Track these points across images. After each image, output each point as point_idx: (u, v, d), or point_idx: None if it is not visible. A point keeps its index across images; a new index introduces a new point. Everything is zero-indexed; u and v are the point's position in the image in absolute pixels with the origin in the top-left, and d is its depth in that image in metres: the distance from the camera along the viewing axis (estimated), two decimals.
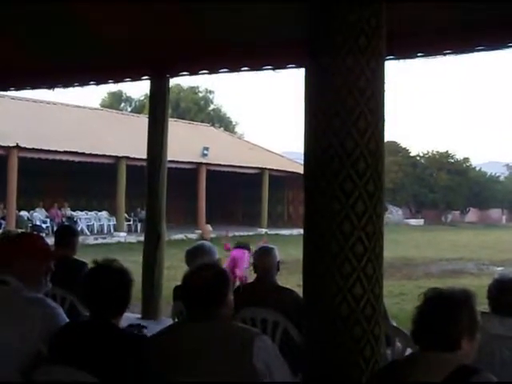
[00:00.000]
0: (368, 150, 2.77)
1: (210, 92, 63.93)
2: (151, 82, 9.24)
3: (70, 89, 9.73)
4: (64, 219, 26.94)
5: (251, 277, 10.05)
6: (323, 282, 2.79)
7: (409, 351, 3.81)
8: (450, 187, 57.74)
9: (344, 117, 2.76)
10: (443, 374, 2.42)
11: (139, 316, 9.03)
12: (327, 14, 2.89)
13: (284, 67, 7.85)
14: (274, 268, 4.95)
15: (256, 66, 8.12)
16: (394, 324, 4.54)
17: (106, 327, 3.03)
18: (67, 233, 6.11)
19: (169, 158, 9.46)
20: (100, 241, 26.30)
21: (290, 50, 6.85)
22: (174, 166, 21.27)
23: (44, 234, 23.91)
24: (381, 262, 2.83)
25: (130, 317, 8.64)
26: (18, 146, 23.92)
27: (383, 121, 2.88)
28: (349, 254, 2.73)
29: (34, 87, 10.04)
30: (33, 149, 24.29)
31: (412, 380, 2.46)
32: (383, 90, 2.90)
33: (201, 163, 31.64)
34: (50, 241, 5.85)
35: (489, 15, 5.97)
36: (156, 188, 9.23)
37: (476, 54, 6.96)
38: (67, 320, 3.28)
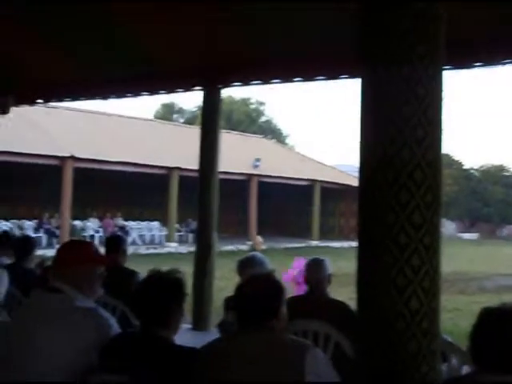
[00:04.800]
0: (425, 160, 2.70)
1: (262, 104, 64.21)
2: (204, 93, 9.29)
3: (124, 99, 9.89)
4: (116, 229, 27.23)
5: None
6: (378, 295, 2.71)
7: (465, 368, 3.70)
8: (505, 201, 56.66)
9: (401, 126, 2.70)
10: None
11: (190, 326, 9.05)
12: (382, 21, 2.83)
13: (337, 77, 7.80)
14: (325, 280, 4.88)
15: (309, 77, 8.08)
16: (449, 339, 4.42)
17: (155, 339, 2.99)
18: (117, 241, 6.19)
19: (220, 170, 9.48)
20: (151, 251, 26.49)
21: (344, 60, 6.79)
22: (225, 177, 21.36)
23: (97, 244, 24.26)
24: (438, 276, 2.74)
25: (182, 327, 8.69)
26: (72, 157, 24.30)
27: (441, 131, 2.80)
28: (404, 267, 2.65)
29: (87, 98, 10.20)
30: (87, 159, 24.65)
31: None
32: (441, 99, 2.82)
33: (252, 174, 31.68)
34: (102, 250, 5.94)
35: None
36: (207, 199, 9.25)
37: None
38: (119, 331, 3.27)
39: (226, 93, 58.09)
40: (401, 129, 2.69)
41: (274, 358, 2.77)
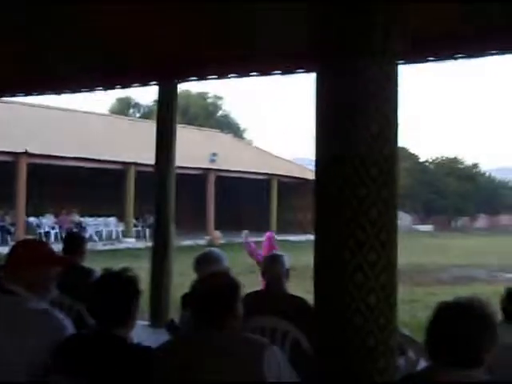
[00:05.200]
0: (381, 155, 2.69)
1: (219, 98, 64.06)
2: (159, 88, 9.21)
3: (78, 95, 9.75)
4: (72, 225, 26.91)
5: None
6: (335, 291, 2.70)
7: (422, 361, 3.72)
8: (459, 193, 57.59)
9: (356, 121, 2.68)
10: None
11: (147, 323, 8.98)
12: (338, 16, 2.81)
13: (294, 72, 7.79)
14: (283, 275, 4.85)
15: (265, 71, 8.06)
16: (407, 333, 4.44)
17: (110, 339, 2.95)
18: (75, 239, 6.08)
19: (177, 164, 9.42)
20: (108, 247, 26.26)
21: (300, 55, 6.78)
22: (182, 171, 21.23)
23: (53, 240, 23.96)
24: (395, 271, 2.74)
25: (139, 324, 8.61)
26: (26, 152, 23.91)
27: (396, 125, 2.80)
28: (362, 263, 2.65)
29: (40, 93, 10.03)
30: (42, 155, 24.29)
31: None
32: (396, 94, 2.82)
33: (209, 169, 31.60)
34: (59, 247, 5.83)
35: (502, 18, 5.90)
36: (164, 194, 9.18)
37: (487, 58, 6.90)
38: (74, 332, 3.22)
39: (182, 87, 57.92)
40: (356, 124, 2.68)
41: (232, 357, 2.75)
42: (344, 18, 2.80)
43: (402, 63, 6.79)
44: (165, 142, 9.23)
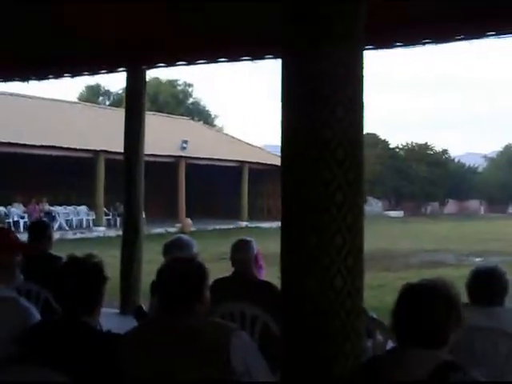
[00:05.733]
0: (347, 139, 2.69)
1: (189, 85, 63.70)
2: (127, 74, 9.14)
3: (45, 81, 9.63)
4: (42, 214, 26.68)
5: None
6: (302, 274, 2.71)
7: (390, 344, 3.75)
8: (429, 179, 58.11)
9: (321, 105, 2.68)
10: (426, 371, 2.35)
11: (117, 311, 8.95)
12: (302, 2, 2.80)
13: (262, 58, 7.77)
14: (251, 261, 4.87)
15: (233, 57, 8.04)
16: (374, 316, 4.48)
17: (77, 325, 2.93)
18: (40, 227, 6.04)
19: (147, 152, 9.38)
20: (79, 236, 26.12)
21: (267, 41, 6.76)
22: (152, 159, 21.13)
23: (22, 230, 23.72)
24: (361, 254, 2.75)
25: (109, 312, 8.58)
26: None
27: (362, 109, 2.80)
28: (328, 246, 2.65)
29: (6, 80, 9.89)
30: (9, 143, 24.00)
31: (396, 378, 2.39)
32: (362, 78, 2.82)
33: (180, 156, 31.53)
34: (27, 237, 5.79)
35: (464, 5, 5.94)
36: (133, 182, 9.14)
37: (455, 43, 6.96)
38: (40, 319, 3.19)
39: (152, 74, 57.50)
40: (321, 108, 2.68)
41: (198, 343, 2.75)
42: (308, 3, 2.79)
43: (370, 48, 6.83)
44: (133, 130, 9.17)
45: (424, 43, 6.95)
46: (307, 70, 2.73)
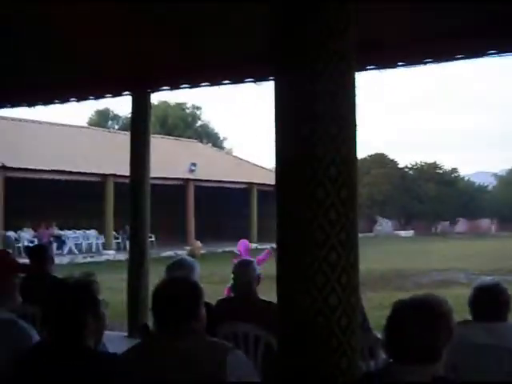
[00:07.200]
0: (340, 157, 2.71)
1: (198, 108, 64.07)
2: (132, 98, 9.20)
3: (51, 106, 9.71)
4: (52, 239, 26.73)
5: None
6: (298, 293, 2.71)
7: None
8: (438, 198, 57.94)
9: (313, 123, 2.70)
10: None
11: (125, 334, 8.94)
12: (294, 20, 2.83)
13: (265, 79, 7.80)
14: (253, 281, 4.87)
15: (237, 79, 8.08)
16: (379, 335, 4.46)
17: (71, 347, 2.89)
18: (39, 249, 6.16)
19: (156, 175, 9.41)
20: (89, 259, 26.14)
21: (268, 62, 6.80)
22: (161, 182, 21.21)
23: None
24: (356, 271, 2.75)
25: (118, 335, 8.57)
26: (3, 166, 23.76)
27: (355, 127, 2.82)
28: (322, 264, 2.66)
29: (14, 105, 9.97)
30: (19, 168, 24.14)
31: None
32: (354, 96, 2.84)
33: (188, 179, 31.57)
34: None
35: (464, 23, 5.96)
36: (139, 205, 9.17)
37: (458, 61, 6.97)
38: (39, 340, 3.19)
39: (161, 98, 57.73)
40: (314, 126, 2.70)
41: (195, 362, 2.74)
42: (302, 22, 2.82)
43: (372, 69, 6.86)
44: (139, 153, 9.22)
45: (426, 63, 6.96)
46: (299, 88, 2.75)
